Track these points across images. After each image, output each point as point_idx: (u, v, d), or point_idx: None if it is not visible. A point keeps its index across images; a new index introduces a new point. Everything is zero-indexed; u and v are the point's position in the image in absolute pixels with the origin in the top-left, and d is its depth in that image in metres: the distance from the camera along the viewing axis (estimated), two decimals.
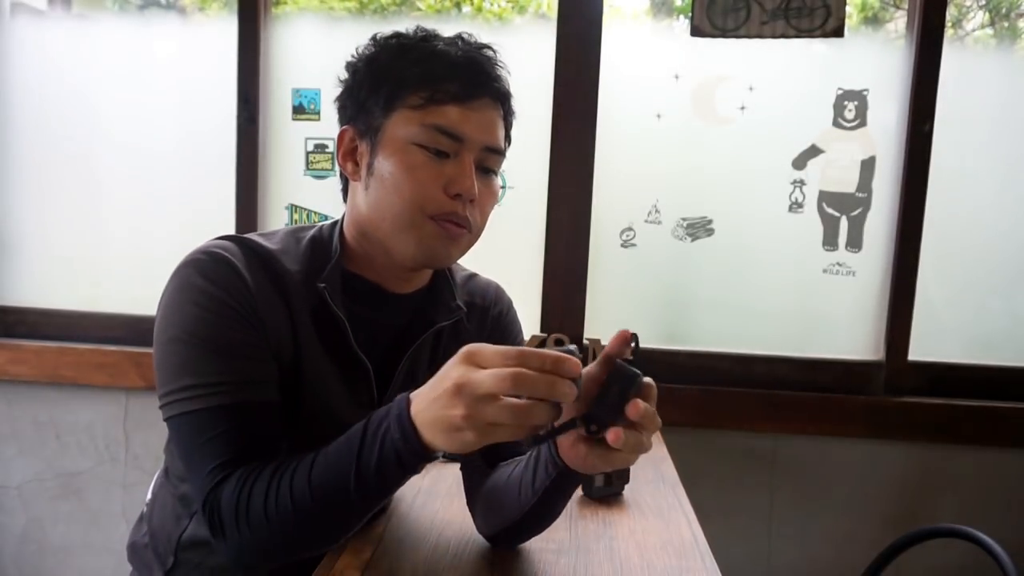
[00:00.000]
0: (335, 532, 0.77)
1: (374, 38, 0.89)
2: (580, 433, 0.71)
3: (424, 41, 0.86)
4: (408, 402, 0.69)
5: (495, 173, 0.90)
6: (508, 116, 0.91)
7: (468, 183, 0.83)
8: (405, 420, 0.68)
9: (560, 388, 0.63)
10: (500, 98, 0.88)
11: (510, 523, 0.89)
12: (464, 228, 0.85)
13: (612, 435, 0.66)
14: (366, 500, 0.73)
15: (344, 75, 0.90)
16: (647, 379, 0.70)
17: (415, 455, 0.69)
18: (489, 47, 0.89)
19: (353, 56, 0.89)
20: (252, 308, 0.82)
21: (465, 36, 0.88)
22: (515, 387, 0.62)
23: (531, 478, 0.84)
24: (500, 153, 0.89)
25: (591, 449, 0.71)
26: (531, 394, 0.63)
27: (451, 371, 0.66)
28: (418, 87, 0.83)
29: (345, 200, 0.94)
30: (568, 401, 0.64)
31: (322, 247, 0.90)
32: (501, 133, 0.89)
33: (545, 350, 0.65)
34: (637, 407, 0.66)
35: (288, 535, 0.74)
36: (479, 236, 0.90)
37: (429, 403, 0.67)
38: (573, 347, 0.67)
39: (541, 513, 0.86)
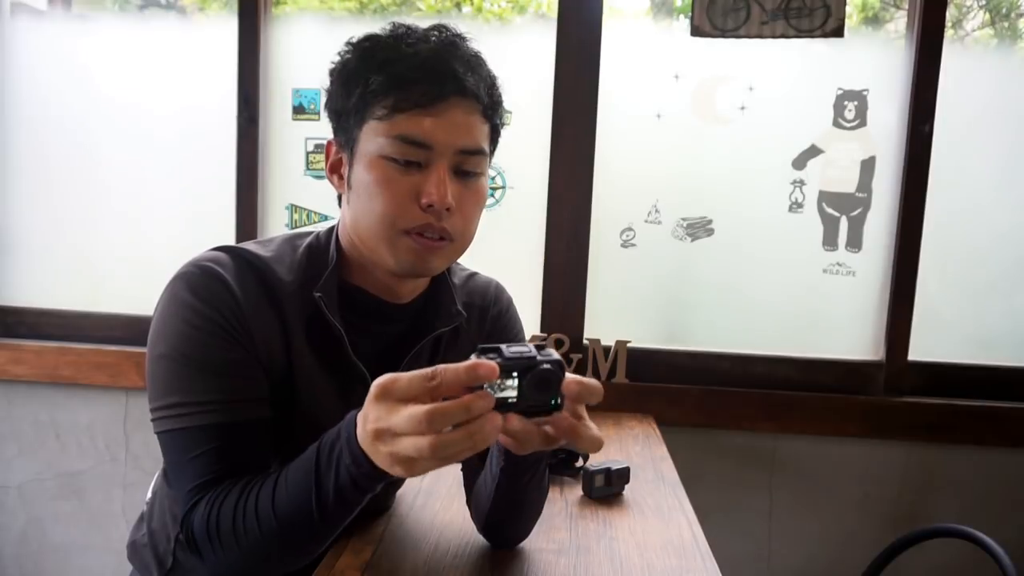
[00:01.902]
0: (305, 551, 0.76)
1: (349, 41, 0.85)
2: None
3: (392, 41, 0.82)
4: (355, 426, 0.67)
5: (479, 174, 0.85)
6: (489, 110, 0.85)
7: (440, 193, 0.79)
8: (355, 446, 0.66)
9: (478, 407, 0.59)
10: (472, 95, 0.81)
11: (485, 514, 0.90)
12: (443, 240, 0.83)
13: (508, 422, 0.62)
14: (330, 522, 0.72)
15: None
16: (547, 365, 0.63)
17: (369, 478, 0.67)
18: (460, 38, 0.84)
19: (333, 62, 0.86)
20: (241, 324, 0.81)
21: (439, 27, 0.83)
22: (431, 426, 0.58)
23: (489, 465, 0.85)
24: (479, 153, 0.83)
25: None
26: (450, 424, 0.59)
27: (368, 412, 0.63)
28: (383, 96, 0.80)
29: (340, 207, 0.92)
30: (490, 424, 0.59)
31: (318, 255, 0.89)
32: (479, 131, 0.83)
33: (458, 366, 0.60)
34: (509, 421, 0.62)
35: (258, 555, 0.74)
36: (467, 243, 0.87)
37: (361, 437, 0.65)
38: (549, 352, 0.64)
39: (506, 504, 0.86)
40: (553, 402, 0.64)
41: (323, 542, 0.75)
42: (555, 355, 0.64)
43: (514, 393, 0.62)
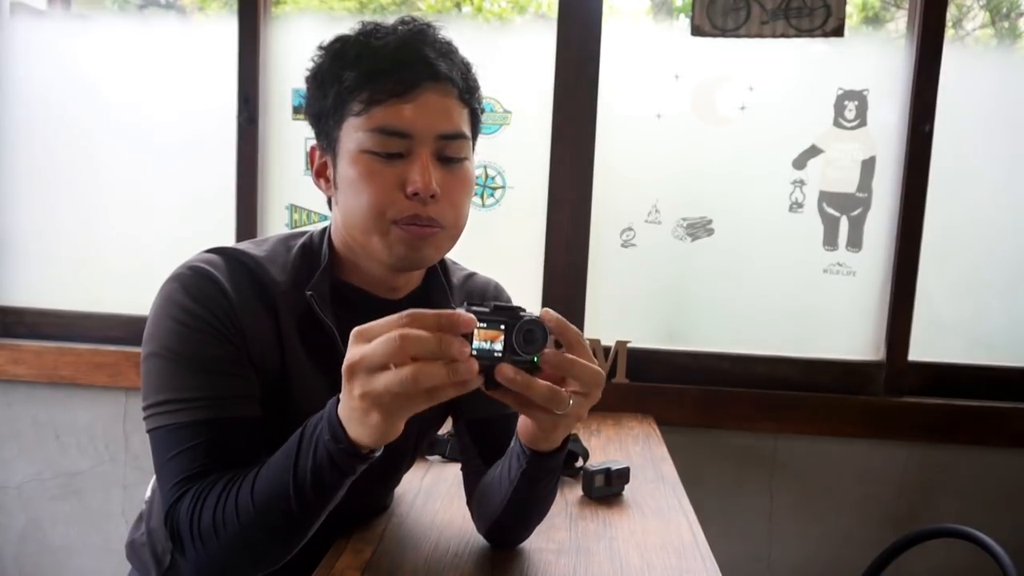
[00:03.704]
0: (283, 544, 0.74)
1: (320, 45, 0.85)
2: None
3: (362, 38, 0.82)
4: (338, 401, 0.68)
5: (463, 159, 0.85)
6: (466, 94, 0.85)
7: (423, 180, 0.80)
8: (334, 419, 0.67)
9: (450, 345, 0.60)
10: (446, 79, 0.82)
11: (495, 517, 0.89)
12: (434, 227, 0.83)
13: (498, 373, 0.64)
14: (306, 507, 0.71)
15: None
16: (530, 315, 0.66)
17: (347, 455, 0.67)
18: (428, 26, 0.84)
19: (306, 69, 0.86)
20: (233, 324, 0.81)
21: (406, 20, 0.84)
22: (403, 349, 0.60)
23: (507, 469, 0.84)
24: (460, 137, 0.83)
25: (529, 416, 0.72)
26: (422, 353, 0.60)
27: (346, 355, 0.63)
28: (357, 91, 0.80)
29: (330, 209, 0.92)
30: (461, 358, 0.61)
31: (312, 255, 0.89)
32: (458, 115, 0.83)
33: (435, 311, 0.62)
34: (501, 371, 0.64)
35: (237, 549, 0.73)
36: (459, 230, 0.87)
37: (342, 397, 0.66)
38: (528, 314, 0.66)
39: (521, 505, 0.86)
40: (535, 359, 0.66)
41: (300, 534, 0.74)
42: (535, 314, 0.66)
43: (499, 347, 0.64)
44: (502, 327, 0.64)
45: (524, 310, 0.66)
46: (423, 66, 0.81)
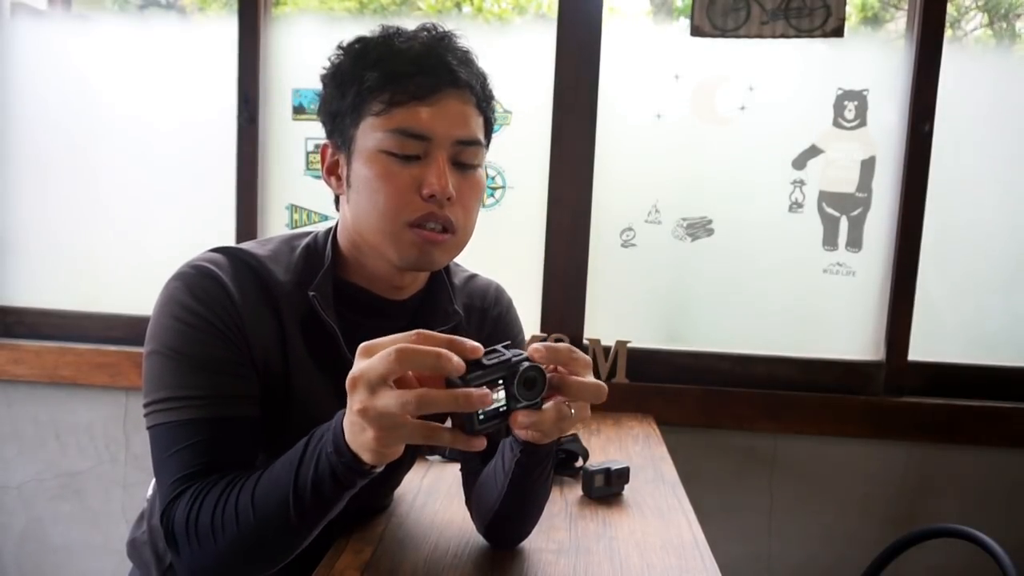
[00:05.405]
0: (279, 551, 0.74)
1: (340, 45, 0.86)
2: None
3: (384, 40, 0.83)
4: (343, 416, 0.67)
5: (476, 166, 0.86)
6: (483, 102, 0.86)
7: (441, 183, 0.80)
8: (339, 431, 0.66)
9: (447, 361, 0.61)
10: (466, 86, 0.83)
11: (493, 511, 0.89)
12: (447, 233, 0.83)
13: (514, 426, 0.67)
14: (304, 517, 0.70)
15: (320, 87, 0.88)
16: (527, 355, 0.67)
17: (348, 468, 0.66)
18: (450, 34, 0.85)
19: (324, 68, 0.87)
20: (235, 324, 0.81)
21: (428, 26, 0.85)
22: (399, 362, 0.60)
23: (502, 460, 0.85)
24: (476, 144, 0.85)
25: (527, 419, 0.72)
26: (418, 368, 0.61)
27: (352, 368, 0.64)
28: (378, 92, 0.81)
29: (337, 209, 0.93)
30: (455, 374, 0.61)
31: (315, 255, 0.90)
32: (475, 122, 0.85)
33: (445, 335, 0.63)
34: (515, 421, 0.67)
35: (233, 552, 0.73)
36: (468, 235, 0.88)
37: (347, 409, 0.65)
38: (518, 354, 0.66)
39: (518, 496, 0.86)
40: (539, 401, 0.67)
41: (296, 543, 0.74)
42: (524, 353, 0.67)
43: (502, 398, 0.65)
44: (501, 382, 0.65)
45: (509, 350, 0.66)
46: (445, 72, 0.82)
